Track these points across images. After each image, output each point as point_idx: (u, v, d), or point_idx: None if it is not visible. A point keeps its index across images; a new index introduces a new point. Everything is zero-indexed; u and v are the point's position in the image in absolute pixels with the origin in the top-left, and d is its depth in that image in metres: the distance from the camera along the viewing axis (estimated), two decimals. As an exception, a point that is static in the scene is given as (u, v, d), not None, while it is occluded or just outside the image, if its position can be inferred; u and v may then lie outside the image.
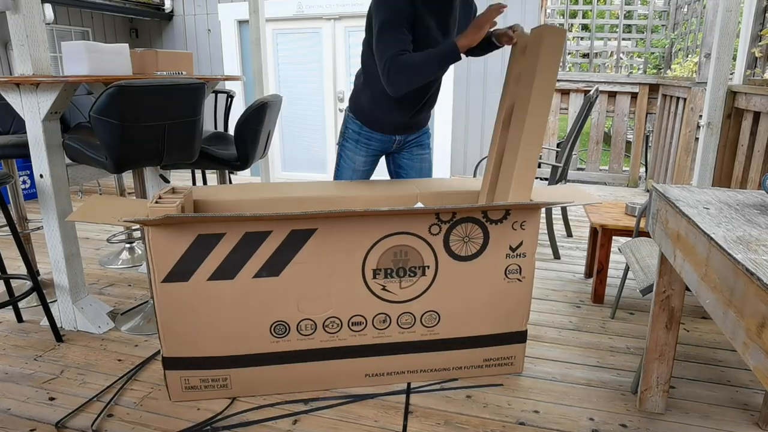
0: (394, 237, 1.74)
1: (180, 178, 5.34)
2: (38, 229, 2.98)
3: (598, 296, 2.62)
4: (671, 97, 4.69)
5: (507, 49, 2.04)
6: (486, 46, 2.02)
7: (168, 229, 1.62)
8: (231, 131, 2.82)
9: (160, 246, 1.63)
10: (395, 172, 2.32)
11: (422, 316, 1.84)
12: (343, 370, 1.87)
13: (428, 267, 1.79)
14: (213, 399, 1.82)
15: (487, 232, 1.79)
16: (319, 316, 1.78)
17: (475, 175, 3.43)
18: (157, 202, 1.74)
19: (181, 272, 1.67)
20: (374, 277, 1.77)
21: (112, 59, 2.46)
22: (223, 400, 1.83)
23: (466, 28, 1.85)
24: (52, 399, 1.85)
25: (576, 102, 5.33)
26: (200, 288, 1.69)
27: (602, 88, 5.07)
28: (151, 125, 2.11)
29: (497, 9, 1.76)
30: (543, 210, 3.27)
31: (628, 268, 2.34)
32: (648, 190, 5.01)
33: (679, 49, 5.10)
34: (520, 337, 1.95)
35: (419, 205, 1.96)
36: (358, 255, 1.74)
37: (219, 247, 1.66)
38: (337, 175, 2.27)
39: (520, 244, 1.82)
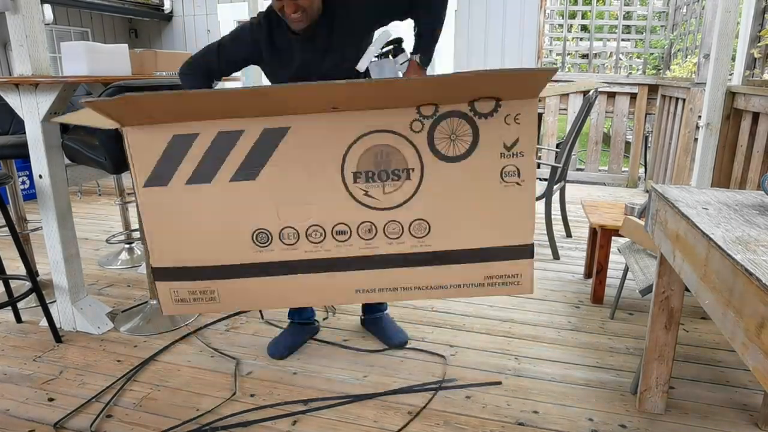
0: (373, 135, 1.60)
1: (179, 178, 5.34)
2: (37, 229, 2.97)
3: (597, 297, 2.62)
4: (670, 97, 4.70)
5: (508, 47, 2.05)
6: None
7: (144, 130, 1.58)
8: (230, 132, 2.82)
9: (138, 147, 1.59)
10: None
11: (410, 225, 1.69)
12: (331, 284, 1.77)
13: (412, 170, 1.63)
14: (203, 313, 1.80)
15: (476, 128, 1.59)
16: (300, 224, 1.70)
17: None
18: None
19: (160, 176, 1.62)
20: (355, 181, 1.65)
21: (111, 60, 2.47)
22: (221, 400, 1.83)
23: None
24: (51, 400, 1.85)
25: (575, 103, 5.33)
26: (180, 192, 1.65)
27: (601, 88, 5.08)
28: (151, 126, 2.11)
29: None
30: (543, 206, 3.27)
31: (628, 268, 2.34)
32: (647, 191, 5.01)
33: (678, 50, 5.11)
34: (525, 251, 1.71)
35: None
36: (336, 156, 1.62)
37: (193, 148, 1.60)
38: None
39: (516, 141, 1.60)
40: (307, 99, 1.57)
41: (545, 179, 3.33)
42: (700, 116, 3.52)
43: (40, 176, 2.20)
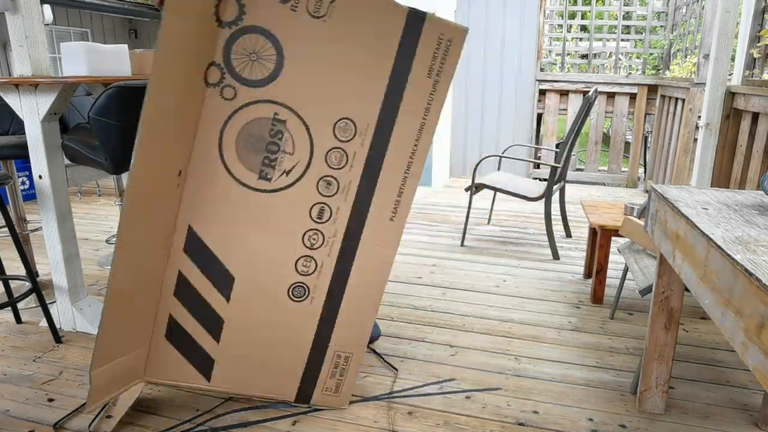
0: (234, 118, 1.41)
1: (179, 178, 5.33)
2: (37, 229, 2.97)
3: (597, 297, 2.62)
4: (670, 97, 4.70)
5: (508, 48, 2.03)
6: None
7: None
8: (230, 132, 2.81)
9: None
10: None
11: (335, 128, 1.47)
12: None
13: (276, 113, 1.42)
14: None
15: (264, 30, 1.37)
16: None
17: (474, 175, 3.42)
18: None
19: None
20: (270, 180, 1.45)
21: (111, 60, 2.46)
22: (221, 400, 1.83)
23: None
24: (51, 400, 1.85)
25: (575, 103, 5.34)
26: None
27: (601, 88, 5.08)
28: (151, 126, 2.11)
29: None
30: (542, 206, 3.27)
31: (627, 268, 2.34)
32: (647, 191, 5.01)
33: (678, 50, 5.11)
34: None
35: None
36: (228, 182, 1.45)
37: None
38: None
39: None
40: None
41: (545, 179, 3.32)
42: (699, 116, 3.52)
43: (40, 176, 2.20)
